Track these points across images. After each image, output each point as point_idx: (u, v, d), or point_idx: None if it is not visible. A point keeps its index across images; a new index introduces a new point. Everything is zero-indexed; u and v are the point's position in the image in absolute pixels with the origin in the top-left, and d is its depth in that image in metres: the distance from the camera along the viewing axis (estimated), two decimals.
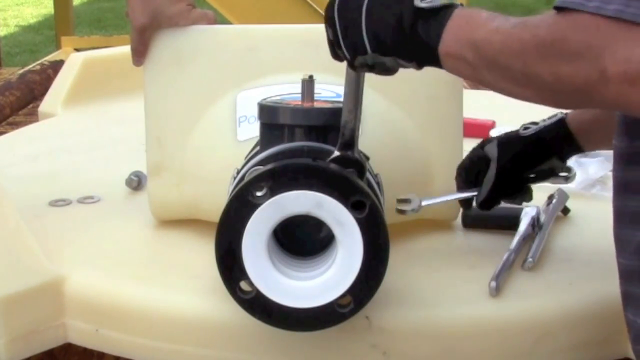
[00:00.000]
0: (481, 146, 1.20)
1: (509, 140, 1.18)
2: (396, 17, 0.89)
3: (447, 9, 0.88)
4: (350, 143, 1.01)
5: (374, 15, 0.91)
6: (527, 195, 1.19)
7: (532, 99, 0.87)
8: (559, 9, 0.80)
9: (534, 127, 1.18)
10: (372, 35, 0.91)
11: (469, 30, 0.87)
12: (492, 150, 1.17)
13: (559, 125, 1.17)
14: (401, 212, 1.14)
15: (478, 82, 0.91)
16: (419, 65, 0.93)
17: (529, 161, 1.17)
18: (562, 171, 1.20)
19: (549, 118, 1.18)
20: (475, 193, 1.19)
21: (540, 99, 0.87)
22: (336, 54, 0.98)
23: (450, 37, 0.87)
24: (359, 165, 1.01)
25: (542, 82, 0.82)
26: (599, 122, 1.14)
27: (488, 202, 1.18)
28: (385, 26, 0.90)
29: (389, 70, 0.95)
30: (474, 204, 1.20)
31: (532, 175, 1.18)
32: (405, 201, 1.14)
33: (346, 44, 0.94)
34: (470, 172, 1.20)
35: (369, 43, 0.92)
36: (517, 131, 1.19)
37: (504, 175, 1.16)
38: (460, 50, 0.87)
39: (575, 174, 1.22)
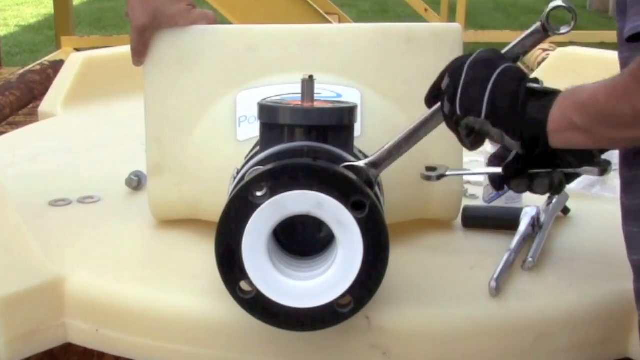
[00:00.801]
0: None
1: None
2: (513, 94, 0.93)
3: (555, 93, 0.92)
4: (377, 164, 1.02)
5: (499, 86, 0.94)
6: (557, 178, 1.04)
7: None
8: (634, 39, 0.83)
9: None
10: (491, 103, 0.93)
11: (573, 99, 0.90)
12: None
13: None
14: (427, 178, 1.12)
15: (593, 146, 0.93)
16: (524, 145, 0.94)
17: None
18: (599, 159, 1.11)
19: None
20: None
21: None
22: (435, 101, 1.00)
23: (557, 113, 0.90)
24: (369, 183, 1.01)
25: None
26: None
27: (514, 167, 1.06)
28: (504, 99, 0.93)
29: (479, 142, 0.99)
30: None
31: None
32: (432, 169, 1.13)
33: (462, 101, 0.96)
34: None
35: (486, 109, 0.94)
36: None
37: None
38: (568, 119, 0.90)
39: (610, 168, 1.05)
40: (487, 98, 0.93)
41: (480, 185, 1.47)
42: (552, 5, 0.96)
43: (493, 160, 1.11)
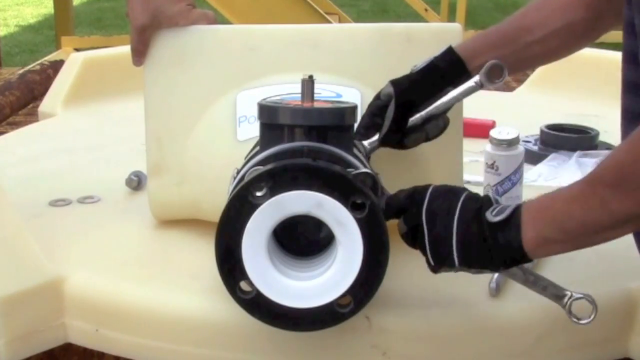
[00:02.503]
0: (376, 98, 1.19)
1: (402, 78, 1.18)
2: (478, 235, 0.94)
3: (516, 212, 0.93)
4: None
5: (460, 234, 0.94)
6: (433, 128, 1.18)
7: None
8: None
9: (423, 60, 1.18)
10: (460, 253, 0.95)
11: (545, 217, 0.92)
12: (387, 90, 1.17)
13: (449, 52, 1.17)
14: None
15: (573, 250, 0.95)
16: (506, 268, 0.96)
17: (425, 92, 1.17)
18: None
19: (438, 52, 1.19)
20: (376, 137, 1.18)
21: None
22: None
23: (532, 235, 0.92)
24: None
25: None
26: (487, 50, 1.16)
27: (390, 136, 1.17)
28: (470, 244, 0.94)
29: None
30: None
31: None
32: None
33: (434, 256, 0.97)
34: (374, 125, 1.19)
35: (457, 259, 0.95)
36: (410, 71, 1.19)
37: (404, 107, 1.16)
38: (544, 237, 0.92)
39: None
40: (456, 252, 0.94)
41: (480, 185, 1.47)
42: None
43: (364, 132, 1.17)
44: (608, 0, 1.11)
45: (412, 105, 1.16)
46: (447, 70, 1.16)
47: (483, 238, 0.93)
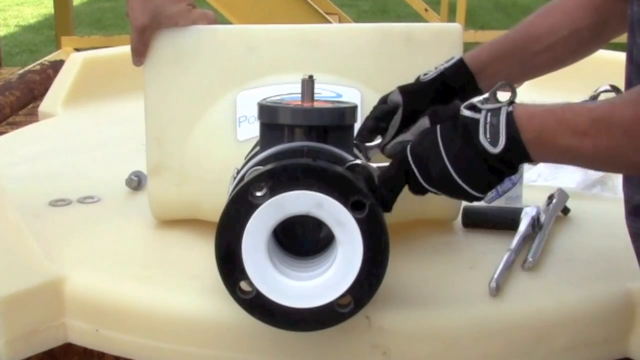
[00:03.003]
0: (382, 102, 1.19)
1: (411, 87, 1.18)
2: (478, 160, 0.94)
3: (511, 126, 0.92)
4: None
5: (453, 160, 0.95)
6: None
7: None
8: None
9: (434, 70, 1.18)
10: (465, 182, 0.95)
11: (552, 141, 0.91)
12: (396, 98, 1.16)
13: (459, 65, 1.17)
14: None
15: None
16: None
17: (432, 103, 1.15)
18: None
19: (446, 61, 1.18)
20: (379, 141, 1.18)
21: None
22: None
23: (537, 151, 0.92)
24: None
25: None
26: (496, 62, 1.17)
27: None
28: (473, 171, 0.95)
29: None
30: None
31: None
32: None
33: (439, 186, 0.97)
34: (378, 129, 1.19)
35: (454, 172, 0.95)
36: (417, 78, 1.19)
37: (410, 118, 1.15)
38: (554, 157, 0.93)
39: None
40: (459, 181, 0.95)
41: None
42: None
43: (367, 135, 1.16)
44: (613, 5, 1.11)
45: (419, 115, 1.16)
46: (456, 83, 1.16)
47: (481, 161, 0.93)
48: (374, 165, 1.02)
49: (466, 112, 0.95)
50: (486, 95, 1.08)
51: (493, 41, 1.20)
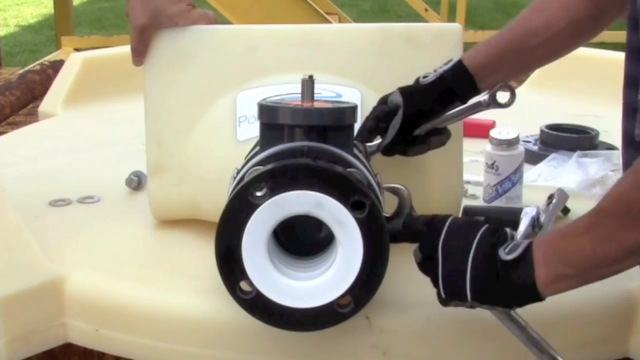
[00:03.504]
0: (382, 102, 1.20)
1: (411, 89, 1.18)
2: (492, 272, 0.93)
3: (528, 249, 0.92)
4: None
5: (474, 270, 0.94)
6: (436, 141, 1.19)
7: None
8: None
9: (433, 73, 1.18)
10: (473, 287, 0.94)
11: (558, 253, 0.91)
12: (396, 99, 1.17)
13: (458, 67, 1.17)
14: None
15: (584, 284, 0.94)
16: (519, 306, 0.96)
17: (433, 105, 1.17)
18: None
19: (445, 64, 1.18)
20: (379, 141, 1.19)
21: None
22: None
23: (544, 271, 0.91)
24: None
25: None
26: (494, 61, 1.17)
27: (393, 146, 1.18)
28: (484, 280, 0.93)
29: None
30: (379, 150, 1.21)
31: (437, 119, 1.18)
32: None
33: (446, 289, 0.96)
34: (377, 129, 1.20)
35: (470, 293, 0.94)
36: (417, 80, 1.19)
37: (411, 119, 1.16)
38: (557, 273, 0.91)
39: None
40: (469, 287, 0.94)
41: (480, 185, 1.47)
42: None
43: (367, 135, 1.18)
44: None
45: (419, 117, 1.17)
46: (456, 86, 1.16)
47: (496, 275, 0.93)
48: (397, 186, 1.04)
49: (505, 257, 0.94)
50: (485, 97, 1.09)
51: (490, 39, 1.20)
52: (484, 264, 0.93)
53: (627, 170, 0.89)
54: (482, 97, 1.14)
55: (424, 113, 1.17)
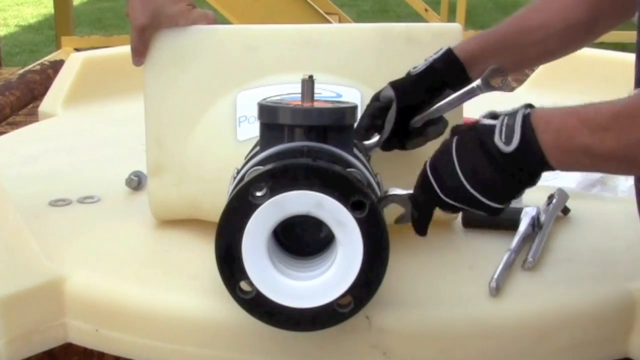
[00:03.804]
0: (375, 99, 1.20)
1: (402, 81, 1.19)
2: (488, 162, 0.93)
3: (526, 132, 0.91)
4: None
5: (464, 165, 0.94)
6: (433, 132, 1.19)
7: None
8: None
9: (424, 62, 1.19)
10: (471, 180, 0.95)
11: (571, 141, 0.90)
12: (388, 94, 1.17)
13: (448, 56, 1.18)
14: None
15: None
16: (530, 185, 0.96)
17: (425, 95, 1.17)
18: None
19: (435, 53, 1.19)
20: (377, 138, 1.19)
21: None
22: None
23: (555, 154, 0.90)
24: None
25: None
26: (485, 53, 1.17)
27: (391, 141, 1.19)
28: (480, 171, 0.94)
29: None
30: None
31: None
32: None
33: (449, 195, 0.97)
34: (374, 126, 1.20)
35: (469, 185, 0.95)
36: (408, 73, 1.19)
37: (405, 112, 1.16)
38: (573, 159, 0.90)
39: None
40: (466, 183, 0.94)
41: None
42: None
43: (364, 133, 1.18)
44: (610, 1, 1.11)
45: (413, 109, 1.16)
46: (446, 73, 1.16)
47: (495, 166, 0.92)
48: (403, 192, 1.05)
49: (484, 121, 0.95)
50: (478, 82, 1.08)
51: (483, 32, 1.20)
52: (473, 157, 0.93)
53: None
54: (475, 83, 1.13)
55: (416, 104, 1.16)
